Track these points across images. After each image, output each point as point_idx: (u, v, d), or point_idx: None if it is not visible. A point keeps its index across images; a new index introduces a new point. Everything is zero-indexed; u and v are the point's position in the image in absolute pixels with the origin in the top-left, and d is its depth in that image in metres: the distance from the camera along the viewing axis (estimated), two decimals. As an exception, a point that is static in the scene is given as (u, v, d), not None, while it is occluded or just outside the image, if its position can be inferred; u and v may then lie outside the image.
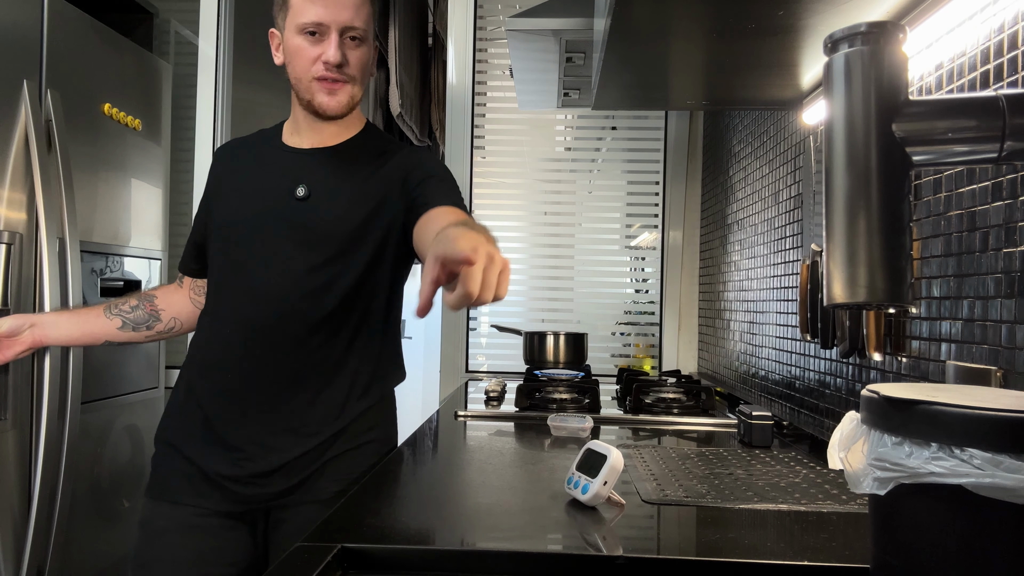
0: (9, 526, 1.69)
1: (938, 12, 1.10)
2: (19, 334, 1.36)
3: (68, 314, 1.46)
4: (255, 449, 1.26)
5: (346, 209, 1.30)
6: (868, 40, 0.74)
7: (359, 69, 1.31)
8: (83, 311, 1.45)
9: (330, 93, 1.30)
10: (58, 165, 1.81)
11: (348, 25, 1.27)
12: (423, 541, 0.88)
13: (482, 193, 2.83)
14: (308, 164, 1.34)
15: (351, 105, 1.33)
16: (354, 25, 1.28)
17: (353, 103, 1.33)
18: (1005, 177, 0.97)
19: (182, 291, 1.48)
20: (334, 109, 1.31)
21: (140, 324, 1.43)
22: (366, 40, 1.31)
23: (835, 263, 0.74)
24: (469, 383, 2.51)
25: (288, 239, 1.29)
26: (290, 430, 1.27)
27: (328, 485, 1.28)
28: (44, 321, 1.39)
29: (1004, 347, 0.96)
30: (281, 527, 1.28)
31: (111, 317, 1.41)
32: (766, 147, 2.00)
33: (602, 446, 1.02)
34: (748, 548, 0.84)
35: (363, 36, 1.30)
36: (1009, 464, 0.54)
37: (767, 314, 1.92)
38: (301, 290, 1.28)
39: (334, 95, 1.30)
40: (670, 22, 1.24)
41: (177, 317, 1.46)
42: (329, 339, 1.29)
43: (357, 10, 1.28)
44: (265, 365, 1.28)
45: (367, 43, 1.31)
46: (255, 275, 1.30)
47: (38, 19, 1.80)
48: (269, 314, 1.28)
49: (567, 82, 2.11)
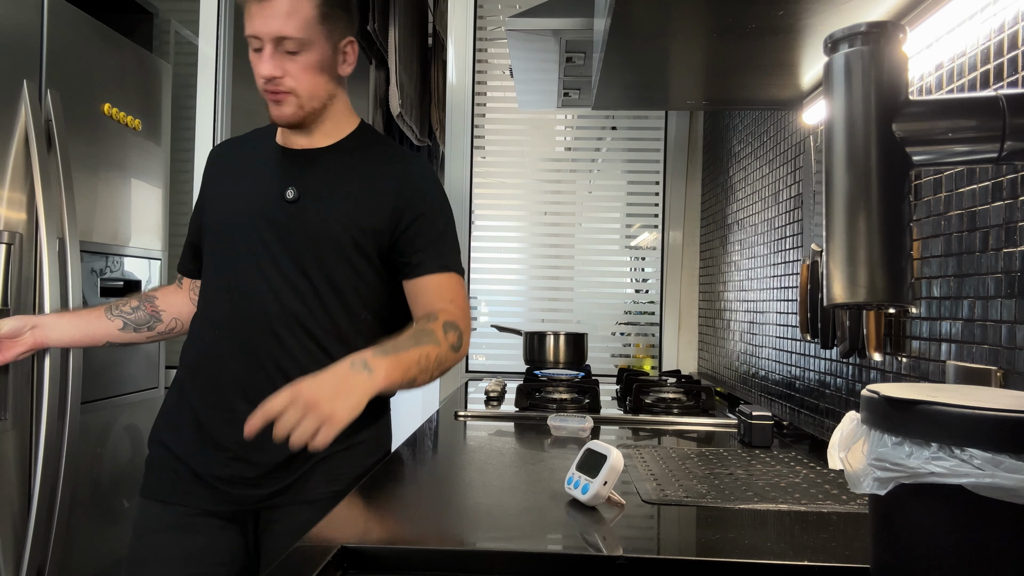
0: (9, 526, 1.69)
1: (938, 12, 1.10)
2: (20, 335, 1.36)
3: (69, 315, 1.46)
4: (244, 450, 1.26)
5: (334, 214, 1.29)
6: (868, 40, 0.74)
7: (300, 79, 1.27)
8: (84, 312, 1.44)
9: (276, 105, 1.28)
10: (58, 165, 1.81)
11: (279, 35, 1.23)
12: (423, 541, 0.88)
13: (482, 193, 2.83)
14: (300, 166, 1.34)
15: (301, 115, 1.30)
16: (285, 35, 1.23)
17: (304, 112, 1.30)
18: (1005, 177, 0.97)
19: (182, 292, 1.48)
20: (282, 121, 1.30)
21: (141, 325, 1.44)
22: (308, 46, 1.25)
23: (835, 263, 0.74)
24: (469, 383, 2.51)
25: (276, 241, 1.29)
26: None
27: (318, 486, 1.28)
28: (45, 323, 1.39)
29: (1004, 347, 0.96)
30: (271, 528, 1.28)
31: (112, 318, 1.42)
32: (766, 147, 2.00)
33: (602, 446, 1.02)
34: (748, 548, 0.84)
35: (301, 44, 1.25)
36: (1009, 464, 0.54)
37: (767, 314, 1.92)
38: (286, 292, 1.28)
39: (279, 107, 1.28)
40: (670, 22, 1.24)
41: (178, 317, 1.46)
42: (315, 342, 1.28)
43: (287, 18, 1.22)
44: (250, 367, 1.28)
45: (310, 49, 1.26)
46: (242, 276, 1.30)
47: (38, 19, 1.80)
48: (255, 316, 1.28)
49: (567, 82, 2.11)
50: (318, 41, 1.26)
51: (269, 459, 1.26)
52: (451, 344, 1.25)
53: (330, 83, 1.32)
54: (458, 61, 2.82)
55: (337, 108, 1.36)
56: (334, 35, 1.29)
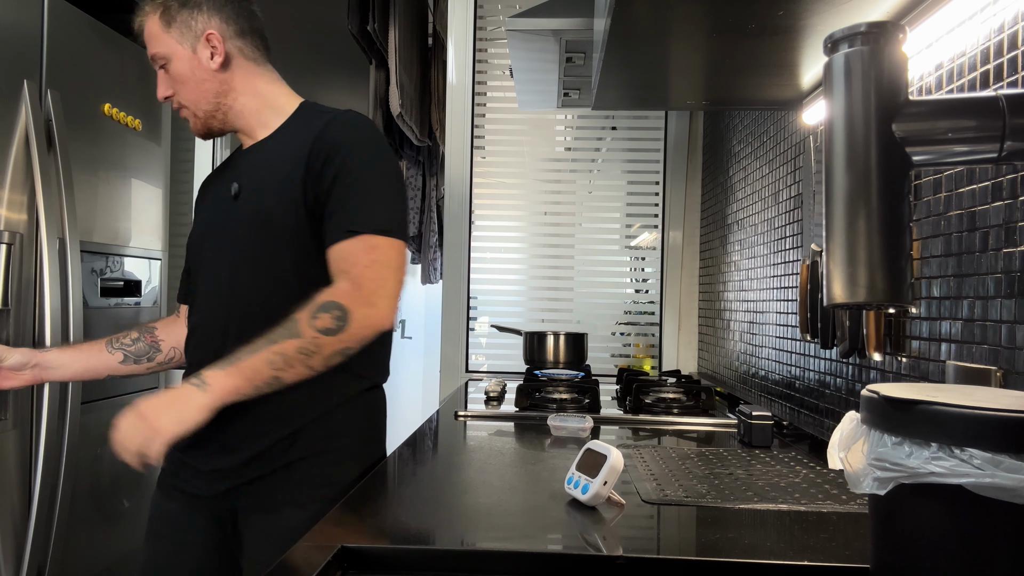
0: (9, 526, 1.69)
1: (938, 12, 1.10)
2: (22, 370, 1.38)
3: (71, 351, 1.47)
4: (215, 447, 1.28)
5: (266, 202, 1.27)
6: (868, 40, 0.74)
7: (179, 92, 1.32)
8: (86, 346, 1.45)
9: (187, 122, 1.36)
10: (58, 165, 1.81)
11: (152, 56, 1.32)
12: (423, 541, 0.88)
13: (482, 193, 2.83)
14: (243, 162, 1.36)
15: (204, 124, 1.34)
16: (153, 55, 1.31)
17: (203, 120, 1.34)
18: (1005, 177, 0.97)
19: (180, 320, 1.49)
20: (197, 134, 1.37)
21: (141, 356, 1.46)
22: (169, 58, 1.30)
23: (835, 263, 0.74)
24: (469, 383, 2.51)
25: (227, 239, 1.31)
26: (242, 431, 1.26)
27: (291, 489, 1.26)
28: (48, 361, 1.41)
29: (1004, 347, 0.96)
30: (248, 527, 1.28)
31: (113, 351, 1.44)
32: (766, 147, 2.00)
33: (602, 446, 1.02)
34: (748, 548, 0.84)
35: (164, 58, 1.31)
36: (1009, 464, 0.54)
37: (767, 314, 1.92)
38: (236, 289, 1.28)
39: (190, 123, 1.36)
40: (670, 22, 1.24)
41: (176, 347, 1.48)
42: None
43: (150, 39, 1.31)
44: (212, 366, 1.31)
45: (172, 60, 1.30)
46: (204, 280, 1.34)
47: (38, 19, 1.80)
48: (212, 317, 1.31)
49: (567, 82, 2.11)
50: (174, 48, 1.30)
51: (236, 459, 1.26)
52: (322, 329, 1.16)
53: (208, 82, 1.31)
54: (458, 61, 2.82)
55: (253, 99, 1.33)
56: (187, 36, 1.30)
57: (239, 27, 1.32)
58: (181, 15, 1.29)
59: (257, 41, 1.35)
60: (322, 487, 1.26)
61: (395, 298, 1.21)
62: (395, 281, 1.21)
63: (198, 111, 1.33)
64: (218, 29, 1.30)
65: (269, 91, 1.35)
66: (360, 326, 1.18)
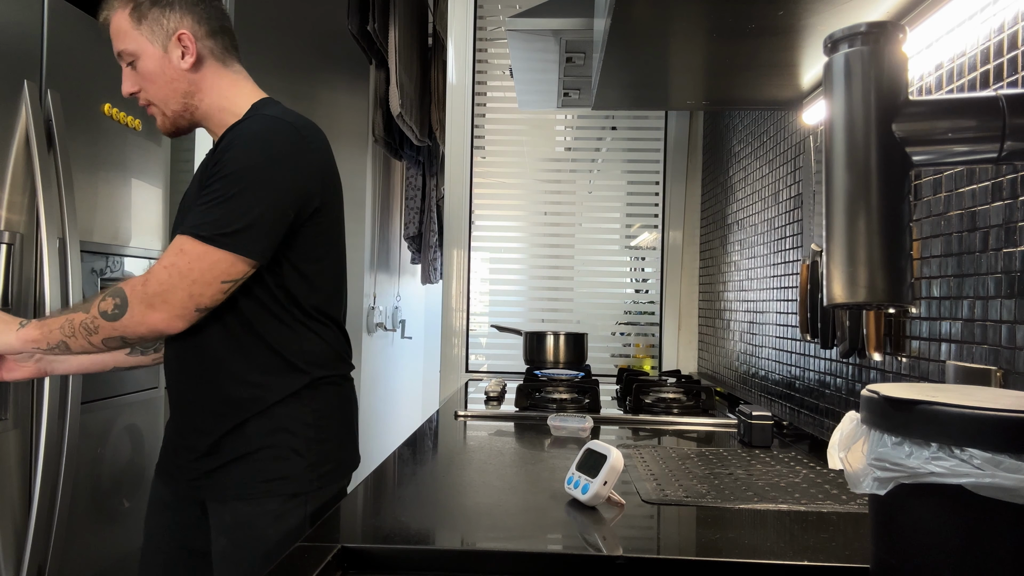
0: (9, 526, 1.69)
1: (938, 12, 1.10)
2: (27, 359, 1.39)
3: None
4: (178, 440, 1.32)
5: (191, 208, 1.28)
6: (868, 40, 0.74)
7: (147, 89, 1.31)
8: None
9: (154, 120, 1.35)
10: (58, 165, 1.81)
11: (119, 53, 1.31)
12: (423, 541, 0.88)
13: (482, 193, 2.83)
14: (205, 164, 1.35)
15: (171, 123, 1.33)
16: (120, 51, 1.30)
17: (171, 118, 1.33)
18: (1005, 177, 0.97)
19: None
20: (164, 132, 1.36)
21: (148, 346, 1.47)
22: (138, 55, 1.29)
23: (835, 263, 0.74)
24: (469, 383, 2.51)
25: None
26: (192, 427, 1.30)
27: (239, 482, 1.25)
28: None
29: (1004, 347, 0.96)
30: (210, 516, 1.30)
31: None
32: (766, 147, 2.00)
33: (602, 446, 1.02)
34: (748, 548, 0.84)
35: (132, 55, 1.29)
36: (1009, 464, 0.54)
37: (767, 314, 1.92)
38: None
39: (156, 121, 1.35)
40: (670, 22, 1.24)
41: None
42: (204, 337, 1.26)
43: (116, 35, 1.30)
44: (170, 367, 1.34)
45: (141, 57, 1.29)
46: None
47: (38, 19, 1.80)
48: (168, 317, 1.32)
49: (567, 82, 2.11)
50: (144, 46, 1.29)
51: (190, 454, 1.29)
52: (103, 311, 1.19)
53: (177, 81, 1.30)
54: (458, 61, 2.82)
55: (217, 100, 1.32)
56: (158, 34, 1.28)
57: (210, 27, 1.31)
58: (152, 12, 1.28)
59: (227, 41, 1.34)
60: (267, 481, 1.25)
61: (181, 307, 1.18)
62: (185, 291, 1.17)
63: (167, 110, 1.32)
64: (190, 29, 1.29)
65: (231, 93, 1.33)
66: (135, 322, 1.18)
